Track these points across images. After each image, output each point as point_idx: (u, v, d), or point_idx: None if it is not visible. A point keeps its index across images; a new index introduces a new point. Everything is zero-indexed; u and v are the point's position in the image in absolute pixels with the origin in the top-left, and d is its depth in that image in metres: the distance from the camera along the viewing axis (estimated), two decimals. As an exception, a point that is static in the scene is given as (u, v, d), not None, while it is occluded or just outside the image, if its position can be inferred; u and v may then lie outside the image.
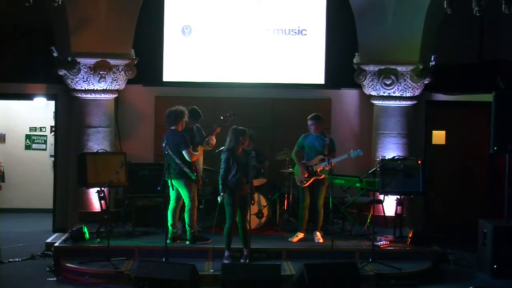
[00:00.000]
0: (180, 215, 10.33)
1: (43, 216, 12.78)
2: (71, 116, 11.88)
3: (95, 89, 11.44)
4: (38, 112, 13.92)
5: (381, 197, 10.81)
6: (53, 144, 12.59)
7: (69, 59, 11.29)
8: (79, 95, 11.51)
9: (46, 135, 14.12)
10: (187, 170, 9.97)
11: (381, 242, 10.27)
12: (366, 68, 11.76)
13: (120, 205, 11.27)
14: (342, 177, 10.97)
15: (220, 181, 9.53)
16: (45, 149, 14.13)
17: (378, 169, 10.49)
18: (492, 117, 10.17)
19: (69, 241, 10.21)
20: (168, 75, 11.96)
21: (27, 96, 12.39)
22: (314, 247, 10.18)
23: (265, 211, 10.91)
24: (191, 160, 9.99)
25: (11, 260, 10.21)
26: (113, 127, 11.81)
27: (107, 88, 11.50)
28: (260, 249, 9.90)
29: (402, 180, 10.44)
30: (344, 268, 8.94)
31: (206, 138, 10.42)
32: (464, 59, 12.13)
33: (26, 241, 11.28)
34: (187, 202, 10.07)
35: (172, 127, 10.10)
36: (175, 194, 10.15)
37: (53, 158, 12.83)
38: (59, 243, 10.20)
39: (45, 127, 14.12)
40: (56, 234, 11.34)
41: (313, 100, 12.37)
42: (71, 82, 11.43)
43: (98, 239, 10.21)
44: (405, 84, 11.65)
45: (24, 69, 11.76)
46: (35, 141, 14.15)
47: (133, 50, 11.60)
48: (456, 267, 10.42)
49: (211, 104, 11.70)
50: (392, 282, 9.37)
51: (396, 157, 10.74)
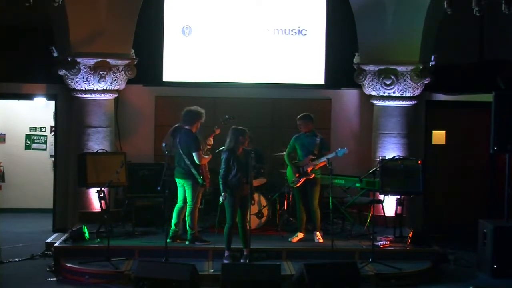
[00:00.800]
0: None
1: (43, 216, 12.77)
2: (71, 116, 11.87)
3: (95, 89, 11.44)
4: (38, 112, 13.91)
5: (381, 197, 10.81)
6: (53, 144, 12.59)
7: (69, 59, 11.28)
8: (79, 95, 11.51)
9: (46, 135, 14.11)
10: (194, 172, 9.95)
11: (381, 242, 10.27)
12: (366, 68, 11.76)
13: (120, 205, 11.27)
14: (342, 177, 10.99)
15: (220, 181, 9.54)
16: (45, 149, 14.12)
17: (378, 169, 10.49)
18: (492, 117, 10.17)
19: (69, 241, 10.21)
20: (168, 75, 11.96)
21: (27, 96, 12.38)
22: (314, 247, 10.18)
23: (265, 211, 10.91)
24: (200, 163, 9.95)
25: (11, 260, 10.20)
26: (113, 127, 11.80)
27: (107, 88, 11.50)
28: (260, 249, 9.90)
29: (402, 180, 10.45)
30: (344, 268, 8.94)
31: (205, 139, 10.43)
32: (464, 59, 12.13)
33: (26, 241, 11.27)
34: (190, 202, 10.06)
35: (187, 127, 10.08)
36: (182, 195, 10.15)
37: (53, 158, 12.82)
38: (59, 243, 10.20)
39: (45, 127, 14.11)
40: (56, 234, 11.34)
41: (313, 100, 12.37)
42: (71, 82, 11.43)
43: (98, 239, 10.21)
44: (405, 84, 11.65)
45: (24, 69, 11.75)
46: (35, 141, 14.14)
47: (133, 50, 11.60)
48: (456, 267, 10.42)
49: (211, 104, 11.69)
50: (392, 282, 9.37)
51: (396, 157, 10.76)
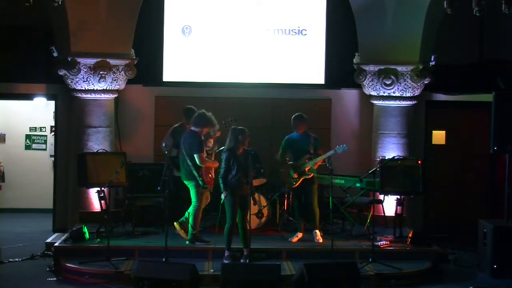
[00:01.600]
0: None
1: (43, 216, 12.77)
2: (71, 116, 11.87)
3: (95, 89, 11.44)
4: (38, 112, 13.91)
5: (381, 197, 10.81)
6: (53, 144, 12.59)
7: (69, 59, 11.28)
8: (79, 95, 11.51)
9: (46, 135, 14.11)
10: (195, 173, 9.92)
11: (381, 242, 10.27)
12: (366, 68, 11.76)
13: (120, 205, 11.26)
14: (342, 177, 10.99)
15: (221, 181, 9.54)
16: (45, 149, 14.12)
17: (378, 169, 10.49)
18: (492, 117, 10.17)
19: (69, 241, 10.21)
20: (168, 75, 11.96)
21: (27, 96, 12.39)
22: (314, 247, 10.18)
23: (265, 211, 10.91)
24: (201, 164, 9.91)
25: (11, 260, 10.20)
26: (113, 127, 11.80)
27: (107, 88, 11.50)
28: (260, 249, 9.90)
29: (402, 180, 10.45)
30: (344, 268, 8.94)
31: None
32: (464, 59, 12.13)
33: (26, 241, 11.27)
34: (194, 202, 10.06)
35: (194, 128, 10.05)
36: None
37: (53, 158, 12.83)
38: (59, 243, 10.20)
39: (45, 127, 14.11)
40: (56, 234, 11.34)
41: (313, 100, 12.37)
42: (71, 82, 11.43)
43: (98, 239, 10.21)
44: (405, 84, 11.65)
45: (24, 69, 11.75)
46: (35, 141, 14.14)
47: (133, 50, 11.60)
48: (456, 267, 10.42)
49: (211, 104, 11.67)
50: (392, 282, 9.37)
51: (396, 157, 10.76)
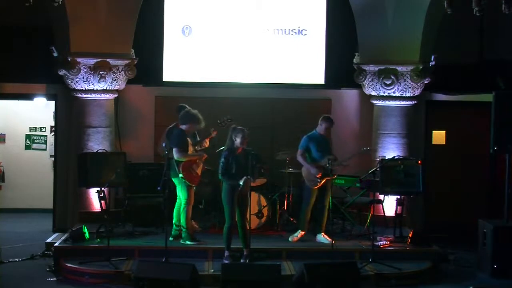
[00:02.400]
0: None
1: (43, 216, 12.77)
2: (71, 116, 11.87)
3: (95, 89, 11.44)
4: (38, 112, 13.91)
5: (381, 197, 10.81)
6: (53, 144, 12.59)
7: (69, 59, 11.28)
8: (79, 95, 11.51)
9: (46, 135, 14.11)
10: (175, 168, 9.91)
11: (381, 242, 10.27)
12: (366, 68, 11.76)
13: (120, 205, 11.26)
14: (342, 177, 10.99)
15: (221, 178, 9.51)
16: (45, 149, 14.12)
17: (378, 169, 10.49)
18: (492, 117, 10.16)
19: (69, 241, 10.21)
20: (168, 75, 11.96)
21: (27, 96, 12.39)
22: (314, 247, 10.18)
23: (265, 211, 10.91)
24: (180, 159, 9.90)
25: (11, 260, 10.20)
26: (113, 127, 11.80)
27: (107, 88, 11.50)
28: (260, 249, 9.89)
29: (402, 180, 10.45)
30: (344, 268, 8.94)
31: (200, 141, 10.43)
32: (464, 59, 12.12)
33: (26, 241, 11.27)
34: (183, 200, 10.08)
35: (181, 126, 10.09)
36: (179, 193, 10.15)
37: (53, 158, 12.83)
38: (59, 243, 10.20)
39: (45, 127, 14.11)
40: (56, 234, 11.33)
41: (313, 100, 12.37)
42: (71, 82, 11.43)
43: (98, 239, 10.21)
44: (405, 84, 11.65)
45: (24, 69, 11.74)
46: (35, 141, 14.15)
47: (133, 50, 11.59)
48: (456, 267, 10.42)
49: (211, 104, 11.70)
50: (392, 282, 9.37)
51: (396, 157, 10.76)
